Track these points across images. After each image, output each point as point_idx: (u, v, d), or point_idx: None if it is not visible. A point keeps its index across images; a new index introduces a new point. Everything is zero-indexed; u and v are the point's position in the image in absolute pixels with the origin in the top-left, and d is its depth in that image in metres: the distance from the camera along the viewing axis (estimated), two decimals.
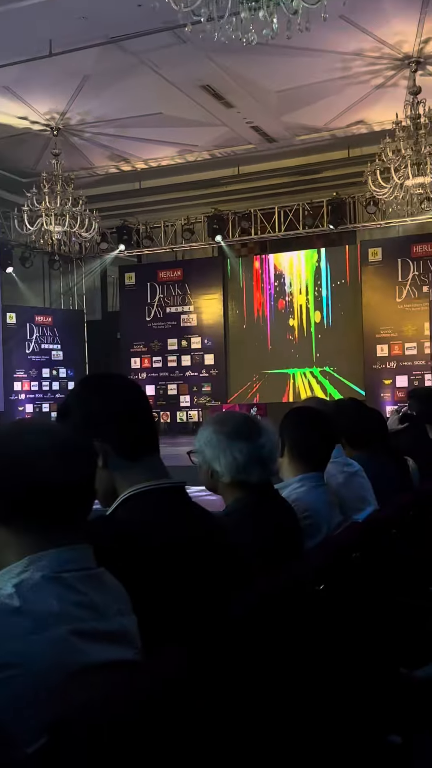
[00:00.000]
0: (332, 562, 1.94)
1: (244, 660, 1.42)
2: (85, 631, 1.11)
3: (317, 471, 2.60)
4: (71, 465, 1.20)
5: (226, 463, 2.09)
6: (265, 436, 2.14)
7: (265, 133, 12.47)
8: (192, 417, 15.20)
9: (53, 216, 12.02)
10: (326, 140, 12.71)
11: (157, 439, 1.69)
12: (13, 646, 1.03)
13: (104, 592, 1.19)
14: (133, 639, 1.22)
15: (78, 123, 11.89)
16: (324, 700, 1.76)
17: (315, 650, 1.75)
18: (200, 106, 11.32)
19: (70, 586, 1.13)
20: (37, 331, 15.20)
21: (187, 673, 1.20)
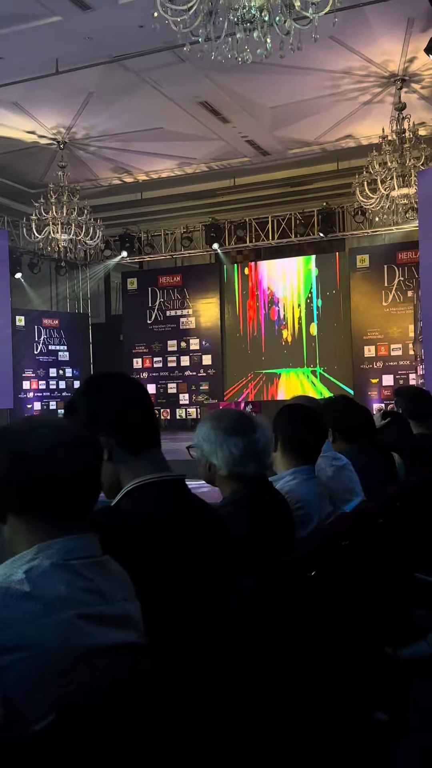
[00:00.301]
0: (323, 550, 1.94)
1: (241, 642, 1.42)
2: (91, 615, 1.11)
3: (308, 464, 2.61)
4: (79, 458, 1.20)
5: (223, 457, 2.09)
6: (260, 432, 2.14)
7: (259, 147, 12.47)
8: (190, 414, 15.20)
9: (60, 225, 12.02)
10: (317, 153, 12.71)
11: (158, 434, 1.69)
12: (23, 629, 1.03)
13: (109, 579, 1.19)
14: (137, 623, 1.22)
15: (83, 137, 11.87)
16: (314, 680, 1.76)
17: (307, 632, 1.75)
18: (198, 122, 11.32)
19: (77, 572, 1.13)
20: (44, 333, 15.18)
21: (187, 654, 1.20)
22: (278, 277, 14.89)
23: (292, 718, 1.61)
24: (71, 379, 15.48)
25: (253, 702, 1.44)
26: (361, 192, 11.15)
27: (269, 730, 1.50)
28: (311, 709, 1.73)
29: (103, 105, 10.65)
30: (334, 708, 1.85)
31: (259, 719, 1.45)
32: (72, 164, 12.41)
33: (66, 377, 15.50)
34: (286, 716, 1.59)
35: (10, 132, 11.48)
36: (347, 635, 2.03)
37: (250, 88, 10.17)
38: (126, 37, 8.69)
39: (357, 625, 2.13)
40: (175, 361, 15.70)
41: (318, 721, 1.75)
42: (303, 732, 1.67)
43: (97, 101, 10.50)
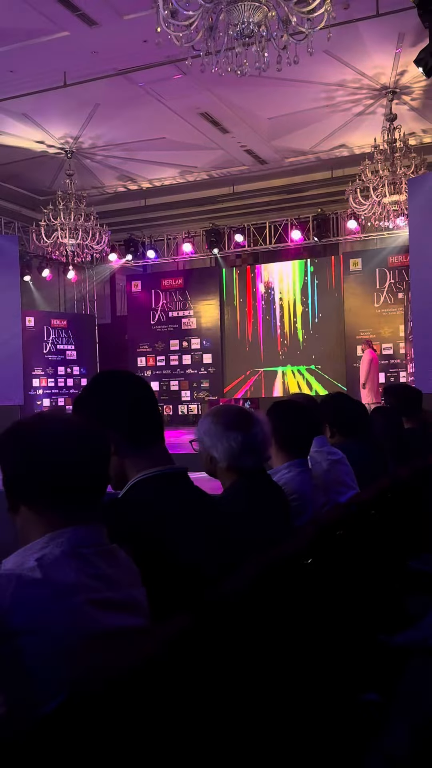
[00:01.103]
0: (319, 539, 1.94)
1: (240, 626, 1.42)
2: (99, 601, 1.11)
3: (301, 457, 2.62)
4: (88, 451, 1.20)
5: (223, 450, 2.10)
6: (258, 427, 2.14)
7: (257, 156, 12.46)
8: (192, 410, 15.21)
9: (67, 230, 12.01)
10: (312, 162, 12.71)
11: (162, 429, 1.69)
12: (35, 613, 1.03)
13: (117, 566, 1.19)
14: (143, 608, 1.22)
15: (90, 147, 11.86)
16: (310, 664, 1.76)
17: (303, 618, 1.75)
18: (199, 132, 11.31)
19: (86, 560, 1.13)
20: (53, 333, 15.17)
21: (189, 638, 1.20)
22: (276, 279, 14.88)
23: (288, 700, 1.62)
24: (78, 376, 15.48)
25: (251, 683, 1.44)
26: (354, 199, 11.14)
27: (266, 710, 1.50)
28: (307, 693, 1.73)
29: (109, 116, 10.63)
30: (329, 691, 1.86)
31: (256, 699, 1.45)
32: (79, 172, 12.39)
33: (73, 375, 15.50)
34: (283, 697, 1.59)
35: (21, 142, 11.47)
36: (342, 621, 2.04)
37: (248, 100, 10.16)
38: (130, 52, 8.67)
39: (351, 612, 2.13)
40: (177, 360, 15.70)
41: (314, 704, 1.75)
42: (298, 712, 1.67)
43: (103, 112, 10.49)
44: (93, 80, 9.35)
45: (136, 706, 1.03)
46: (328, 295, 14.35)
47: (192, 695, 1.19)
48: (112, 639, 1.10)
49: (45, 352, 15.04)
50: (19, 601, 1.03)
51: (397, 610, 2.45)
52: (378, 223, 11.50)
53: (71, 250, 12.33)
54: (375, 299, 13.83)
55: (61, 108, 10.25)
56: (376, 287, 13.80)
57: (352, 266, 14.04)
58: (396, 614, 2.42)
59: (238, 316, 15.29)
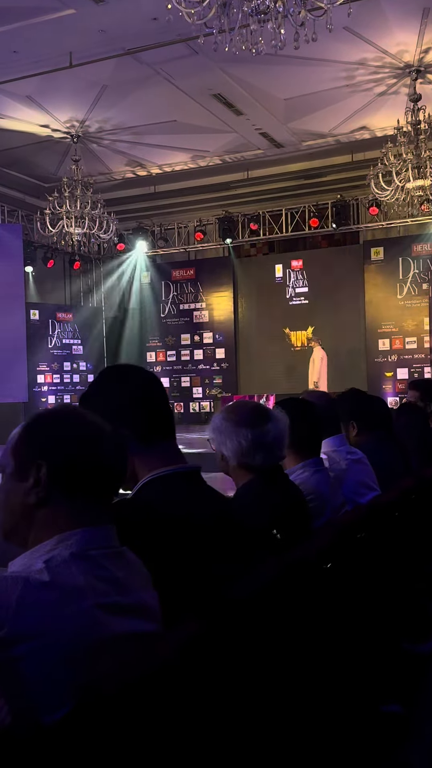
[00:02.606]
0: (338, 542, 1.94)
1: (255, 632, 1.42)
2: (109, 605, 1.11)
3: (314, 456, 2.62)
4: (109, 451, 1.21)
5: (232, 447, 2.12)
6: (272, 424, 2.14)
7: (272, 139, 12.43)
8: (204, 407, 15.22)
9: (73, 218, 12.04)
10: (331, 145, 12.65)
11: (173, 425, 1.70)
12: (42, 617, 1.04)
13: (127, 569, 1.20)
14: (154, 613, 1.23)
15: (96, 131, 11.88)
16: (330, 672, 1.76)
17: (322, 624, 1.75)
18: (212, 114, 11.29)
19: (95, 562, 1.14)
20: (58, 327, 15.24)
21: (202, 644, 1.20)
22: (292, 269, 14.84)
23: (306, 710, 1.62)
24: (85, 372, 15.54)
25: (267, 691, 1.44)
26: (376, 184, 11.08)
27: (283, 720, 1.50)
28: (326, 703, 1.73)
29: (117, 98, 10.64)
30: (350, 700, 1.86)
31: (272, 709, 1.45)
32: (85, 158, 12.42)
33: (80, 371, 15.55)
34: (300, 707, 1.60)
35: (24, 126, 11.50)
36: (363, 628, 2.03)
37: (263, 80, 10.13)
38: (139, 30, 8.67)
39: (373, 618, 2.13)
40: (189, 355, 15.72)
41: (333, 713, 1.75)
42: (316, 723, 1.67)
43: (110, 94, 10.50)
44: (100, 60, 9.36)
45: (147, 715, 1.03)
46: (347, 286, 14.29)
47: (205, 703, 1.19)
48: (122, 645, 1.11)
49: (50, 346, 15.10)
50: (26, 605, 1.04)
51: (421, 617, 2.44)
52: (401, 210, 11.43)
53: (77, 239, 12.36)
54: (398, 290, 13.76)
55: (67, 90, 10.27)
56: (399, 278, 13.73)
57: (373, 255, 13.98)
58: (420, 621, 2.41)
59: (254, 308, 15.27)
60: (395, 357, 13.73)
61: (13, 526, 1.21)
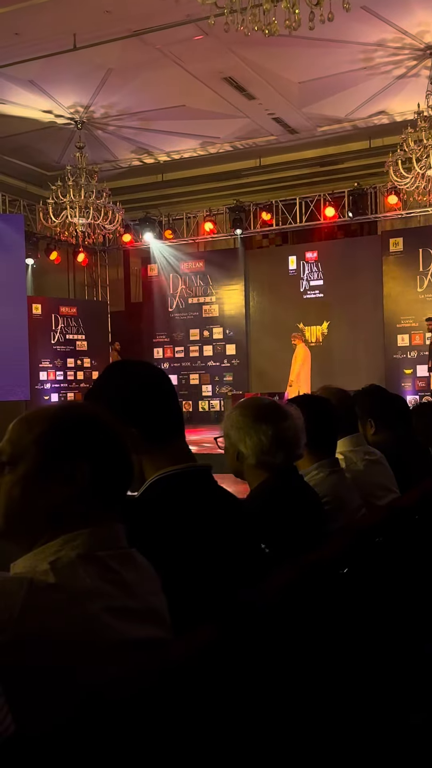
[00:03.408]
0: (356, 547, 1.94)
1: (269, 640, 1.43)
2: (116, 608, 1.12)
3: (329, 457, 2.62)
4: (119, 449, 1.22)
5: (252, 444, 2.11)
6: (290, 420, 2.14)
7: (286, 125, 12.40)
8: (214, 406, 15.22)
9: (77, 208, 12.06)
10: (347, 131, 12.62)
11: (182, 423, 1.70)
12: (48, 621, 1.05)
13: (135, 572, 1.20)
14: (163, 618, 1.23)
15: (102, 116, 11.89)
16: (348, 679, 1.76)
17: (339, 631, 1.75)
18: (222, 98, 11.28)
19: (103, 564, 1.14)
20: (61, 322, 15.27)
21: (214, 652, 1.20)
22: (306, 261, 14.80)
23: (325, 721, 1.62)
24: (89, 369, 15.57)
25: (283, 701, 1.44)
26: (395, 171, 11.04)
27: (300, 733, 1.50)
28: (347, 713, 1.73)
29: (123, 82, 10.65)
30: (369, 708, 1.86)
31: (288, 720, 1.45)
32: (90, 145, 12.44)
33: (84, 368, 15.59)
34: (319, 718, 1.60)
35: (26, 112, 11.53)
36: (382, 634, 2.03)
37: (277, 63, 10.11)
38: (147, 10, 8.67)
39: (392, 625, 2.13)
40: (198, 351, 15.72)
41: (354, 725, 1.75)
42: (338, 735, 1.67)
43: (116, 78, 10.51)
44: (105, 43, 9.37)
45: (156, 724, 1.04)
46: (364, 279, 14.25)
47: (218, 714, 1.19)
48: (131, 650, 1.11)
49: (53, 342, 15.15)
50: (31, 608, 1.05)
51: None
52: (422, 198, 11.38)
53: (82, 230, 12.39)
54: (418, 283, 13.71)
55: (71, 74, 10.29)
56: (420, 270, 13.67)
57: (392, 246, 13.93)
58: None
59: (266, 302, 15.26)
60: (415, 353, 13.67)
61: (17, 524, 1.20)
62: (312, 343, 14.78)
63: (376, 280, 14.09)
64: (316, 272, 14.75)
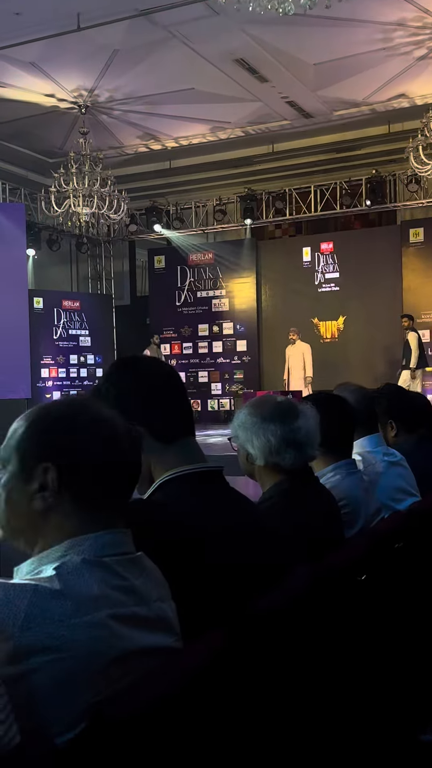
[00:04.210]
0: (374, 553, 1.94)
1: (283, 649, 1.43)
2: (125, 616, 1.12)
3: (347, 458, 2.62)
4: (122, 448, 1.22)
5: (259, 445, 2.11)
6: (303, 420, 2.14)
7: (301, 109, 12.39)
8: (224, 405, 15.23)
9: (81, 197, 12.10)
10: (365, 115, 12.59)
11: (192, 421, 1.70)
12: (53, 629, 1.05)
13: (144, 578, 1.20)
14: (173, 625, 1.23)
15: (106, 100, 11.92)
16: (363, 695, 1.76)
17: (355, 642, 1.75)
18: (233, 81, 11.28)
19: (111, 570, 1.15)
20: (64, 316, 15.33)
21: (224, 661, 1.21)
22: (321, 253, 14.78)
23: (337, 735, 1.62)
24: (93, 366, 15.62)
25: (295, 713, 1.45)
26: (416, 158, 11.02)
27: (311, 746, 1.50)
28: (359, 728, 1.73)
29: (129, 64, 10.67)
30: (383, 727, 1.85)
31: (300, 732, 1.45)
32: (94, 130, 12.47)
33: (87, 364, 15.64)
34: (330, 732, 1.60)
35: (28, 96, 11.57)
36: (400, 647, 2.03)
37: (291, 43, 10.10)
38: None
39: (411, 636, 2.13)
40: (207, 347, 15.74)
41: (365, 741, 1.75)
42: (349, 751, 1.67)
43: (121, 60, 10.52)
44: (111, 23, 9.39)
45: (166, 737, 1.04)
46: (383, 271, 14.21)
47: (228, 725, 1.20)
48: (140, 660, 1.11)
49: (55, 338, 15.20)
50: (36, 615, 1.05)
51: None
52: None
53: (85, 220, 12.42)
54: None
55: (74, 56, 10.31)
56: None
57: (412, 237, 13.89)
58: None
59: (278, 296, 15.25)
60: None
61: (17, 527, 1.22)
62: (327, 339, 14.77)
63: (395, 273, 14.05)
64: (331, 264, 14.72)
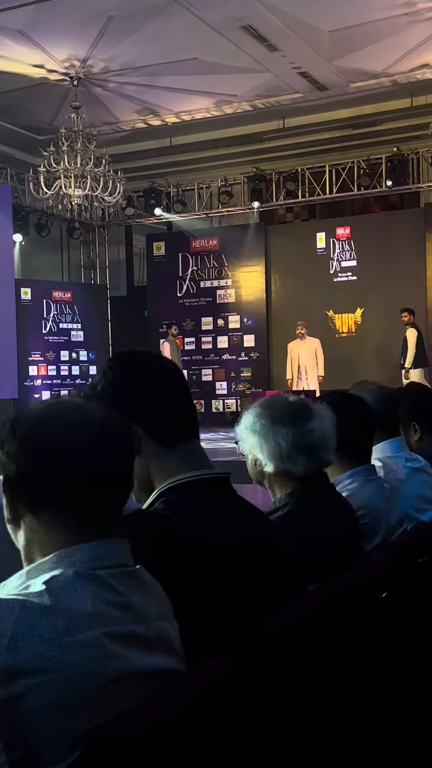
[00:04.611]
0: (396, 567, 1.94)
1: (296, 674, 1.43)
2: (121, 635, 1.12)
3: (365, 464, 2.61)
4: (109, 450, 1.21)
5: (269, 450, 2.10)
6: (317, 421, 2.14)
7: (314, 80, 12.38)
8: (229, 406, 15.25)
9: (73, 178, 12.11)
10: (385, 87, 12.59)
11: (196, 423, 1.71)
12: (44, 649, 1.05)
13: (143, 593, 1.20)
14: (175, 646, 1.24)
15: (101, 71, 11.92)
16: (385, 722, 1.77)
17: (376, 664, 1.75)
18: (240, 50, 11.27)
19: (105, 584, 1.15)
20: (54, 309, 15.35)
21: (233, 685, 1.21)
22: (337, 238, 14.77)
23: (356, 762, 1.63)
24: (86, 363, 15.65)
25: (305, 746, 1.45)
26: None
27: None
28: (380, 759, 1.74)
29: (126, 32, 10.67)
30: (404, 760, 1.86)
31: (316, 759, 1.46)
32: (87, 104, 12.48)
33: (80, 361, 15.67)
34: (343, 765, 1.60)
35: (14, 66, 11.58)
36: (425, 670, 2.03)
37: (304, 8, 10.10)
38: None
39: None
40: (211, 343, 15.75)
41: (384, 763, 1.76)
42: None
43: (117, 27, 10.52)
44: None
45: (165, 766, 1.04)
46: (405, 258, 14.20)
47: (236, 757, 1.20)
48: (138, 682, 1.12)
49: (44, 332, 15.23)
50: (24, 634, 1.05)
51: None
52: None
53: (78, 203, 12.43)
54: None
55: (66, 22, 10.32)
56: None
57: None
58: None
59: (290, 286, 15.25)
60: None
61: (12, 536, 1.24)
62: (343, 333, 14.76)
63: (419, 260, 14.05)
64: (348, 251, 14.72)
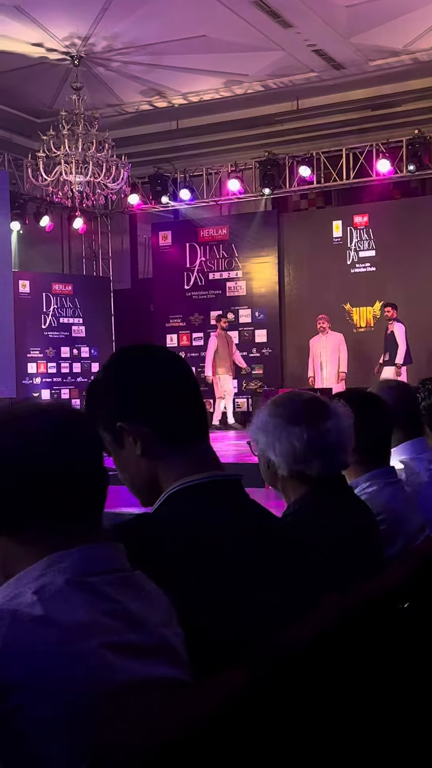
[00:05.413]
0: (419, 575, 1.94)
1: (313, 689, 1.43)
2: (120, 645, 1.12)
3: (385, 465, 2.61)
4: (73, 452, 1.22)
5: (282, 451, 2.10)
6: (333, 421, 2.14)
7: (330, 58, 12.35)
8: (240, 405, 15.23)
9: (74, 163, 12.12)
10: (407, 66, 12.55)
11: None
12: (37, 661, 1.05)
13: (142, 600, 1.20)
14: (179, 655, 1.23)
15: (103, 50, 11.93)
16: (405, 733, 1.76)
17: (399, 680, 1.75)
18: (252, 27, 11.25)
19: (98, 592, 1.15)
20: (54, 302, 15.37)
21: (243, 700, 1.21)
22: (354, 227, 14.76)
23: None
24: (88, 360, 15.66)
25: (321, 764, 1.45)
26: None
27: None
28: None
29: (130, 8, 10.67)
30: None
31: None
32: (89, 85, 12.49)
33: (82, 358, 15.68)
34: None
35: (11, 45, 11.60)
36: None
37: None
38: None
39: None
40: None
41: None
42: None
43: (121, 3, 10.53)
44: None
45: None
46: (426, 249, 14.18)
47: None
48: (141, 693, 1.12)
49: (44, 327, 15.25)
50: (16, 646, 1.05)
51: None
52: None
53: (79, 190, 12.45)
54: None
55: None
56: None
57: None
58: None
59: (305, 278, 15.24)
60: None
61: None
62: (361, 328, 14.74)
63: None
64: (366, 241, 14.70)
